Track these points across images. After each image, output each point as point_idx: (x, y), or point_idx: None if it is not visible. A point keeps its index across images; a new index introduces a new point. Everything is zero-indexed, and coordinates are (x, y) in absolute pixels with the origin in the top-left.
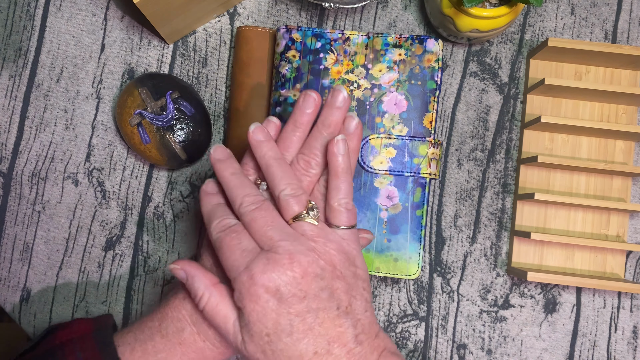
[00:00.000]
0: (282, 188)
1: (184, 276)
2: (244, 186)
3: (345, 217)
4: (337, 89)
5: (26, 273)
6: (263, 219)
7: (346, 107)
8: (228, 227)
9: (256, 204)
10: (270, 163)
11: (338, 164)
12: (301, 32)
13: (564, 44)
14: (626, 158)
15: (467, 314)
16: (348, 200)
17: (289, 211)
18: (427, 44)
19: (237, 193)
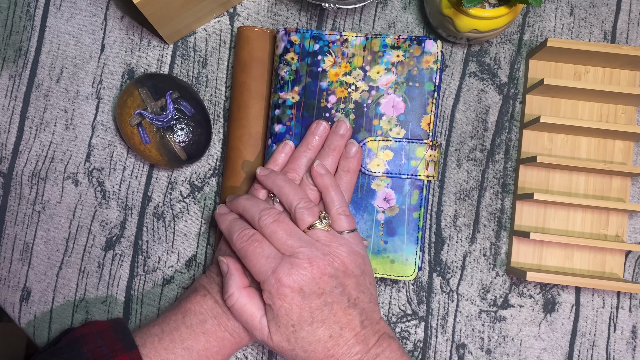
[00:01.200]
0: (296, 203)
1: (225, 270)
2: (258, 203)
3: (345, 222)
4: (342, 120)
5: (26, 273)
6: (282, 230)
7: (348, 135)
8: (249, 237)
9: (273, 216)
10: (282, 185)
11: (324, 182)
12: (299, 35)
13: (563, 44)
14: (625, 158)
15: (467, 313)
16: (344, 208)
17: (304, 222)
18: (426, 45)
19: (254, 210)
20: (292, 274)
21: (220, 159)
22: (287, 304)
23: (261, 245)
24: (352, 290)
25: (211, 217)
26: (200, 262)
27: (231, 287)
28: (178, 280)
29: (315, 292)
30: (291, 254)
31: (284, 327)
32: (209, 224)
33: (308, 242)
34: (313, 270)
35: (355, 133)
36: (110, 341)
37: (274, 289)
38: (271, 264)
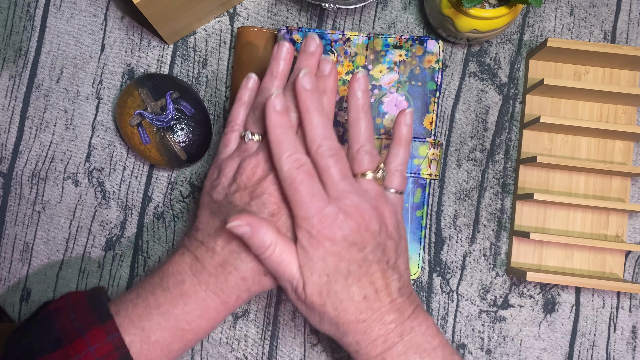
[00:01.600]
0: (361, 144)
1: (248, 231)
2: (325, 127)
3: (398, 181)
4: (310, 36)
5: (26, 273)
6: (336, 168)
7: (319, 53)
8: (300, 165)
9: (332, 150)
10: (361, 116)
11: (403, 133)
12: (302, 33)
13: (563, 45)
14: (625, 158)
15: (467, 313)
16: (403, 168)
17: (362, 166)
18: (428, 44)
19: (317, 133)
20: (337, 219)
21: None
22: (325, 250)
23: (311, 179)
24: (392, 252)
25: None
26: None
27: (267, 239)
28: None
29: (357, 243)
30: (338, 197)
31: (317, 275)
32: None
33: (358, 190)
34: (359, 221)
35: None
36: (83, 314)
37: (315, 230)
38: (317, 203)
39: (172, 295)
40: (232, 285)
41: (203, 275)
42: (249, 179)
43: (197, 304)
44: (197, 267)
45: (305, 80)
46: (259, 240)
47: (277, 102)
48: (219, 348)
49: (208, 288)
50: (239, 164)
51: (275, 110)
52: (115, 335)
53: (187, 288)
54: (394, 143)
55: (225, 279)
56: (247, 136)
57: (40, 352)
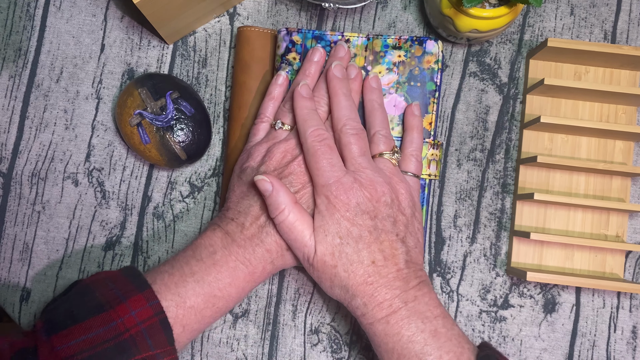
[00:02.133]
0: (378, 129)
1: (270, 188)
2: (350, 110)
3: (413, 164)
4: (339, 44)
5: (26, 273)
6: (357, 145)
7: (348, 59)
8: (323, 138)
9: (355, 129)
10: (376, 108)
11: (413, 121)
12: (301, 35)
13: (563, 44)
14: (625, 158)
15: (467, 314)
16: (418, 153)
17: (378, 147)
18: (427, 45)
19: (343, 114)
20: (353, 188)
21: (220, 159)
22: (340, 214)
23: (331, 152)
24: (402, 226)
25: (211, 217)
26: None
27: (281, 203)
28: None
29: (368, 212)
30: (355, 170)
31: (331, 237)
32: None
33: (374, 167)
34: (372, 192)
35: None
36: (122, 284)
37: (332, 195)
38: (336, 172)
39: (205, 265)
40: (259, 256)
41: (233, 247)
42: (278, 162)
43: (228, 272)
44: (228, 240)
45: (336, 69)
46: (276, 200)
47: (304, 90)
48: (219, 348)
49: (237, 259)
50: (267, 149)
51: (302, 95)
52: (155, 301)
53: (218, 258)
54: (406, 131)
55: (253, 251)
56: (277, 125)
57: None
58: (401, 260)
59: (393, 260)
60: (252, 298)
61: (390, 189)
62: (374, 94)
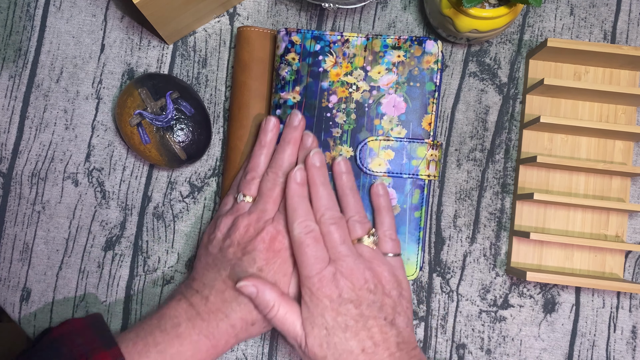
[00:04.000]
0: (351, 214)
1: (254, 291)
2: (328, 199)
3: (390, 245)
4: (294, 112)
5: (26, 273)
6: (337, 234)
7: (302, 127)
8: (309, 230)
9: (334, 219)
10: (347, 193)
11: (380, 202)
12: (300, 35)
13: (563, 45)
14: (625, 158)
15: (467, 313)
16: (392, 232)
17: (354, 233)
18: (426, 45)
19: (322, 204)
20: (335, 279)
21: (220, 159)
22: (324, 306)
23: (316, 244)
24: (390, 309)
25: (211, 217)
26: None
27: (270, 300)
28: (178, 280)
29: (353, 300)
30: (336, 259)
31: (317, 329)
32: (209, 224)
33: (354, 254)
34: (354, 281)
35: (357, 133)
36: (89, 339)
37: (315, 287)
38: (319, 265)
39: (169, 336)
40: (223, 330)
41: (197, 320)
42: (241, 236)
43: (190, 345)
44: (192, 312)
45: (315, 158)
46: (263, 300)
47: (299, 175)
48: None
49: (201, 332)
50: (232, 221)
51: (296, 181)
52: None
53: (182, 331)
54: (375, 213)
55: (217, 325)
56: (239, 197)
57: None
58: (392, 344)
59: (384, 344)
60: None
61: (372, 275)
62: (343, 178)
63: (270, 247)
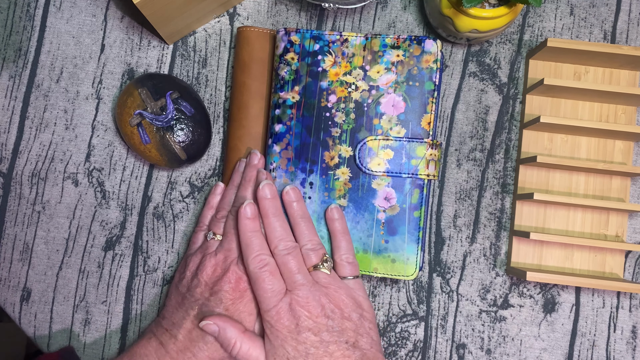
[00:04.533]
0: (304, 243)
1: (216, 329)
2: (282, 229)
3: (348, 269)
4: (253, 152)
5: (26, 273)
6: (292, 263)
7: (261, 165)
8: (264, 264)
9: (288, 249)
10: (298, 222)
11: (335, 227)
12: (299, 35)
13: (563, 44)
14: (625, 158)
15: (467, 313)
16: (349, 255)
17: (308, 261)
18: (426, 44)
19: (275, 235)
20: (290, 309)
21: (220, 159)
22: (283, 336)
23: (271, 278)
24: (351, 332)
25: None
26: None
27: (231, 337)
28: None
29: (311, 329)
30: (292, 289)
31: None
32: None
33: (310, 282)
34: (310, 309)
35: (356, 132)
36: None
37: (273, 320)
38: (276, 297)
39: None
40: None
41: (166, 358)
42: (209, 277)
43: None
44: (162, 351)
45: (265, 190)
46: (225, 338)
47: (249, 210)
48: None
49: None
50: (200, 260)
51: (247, 216)
52: None
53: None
54: (332, 237)
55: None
56: (209, 235)
57: None
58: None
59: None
60: None
61: (329, 300)
62: (294, 206)
63: (236, 288)
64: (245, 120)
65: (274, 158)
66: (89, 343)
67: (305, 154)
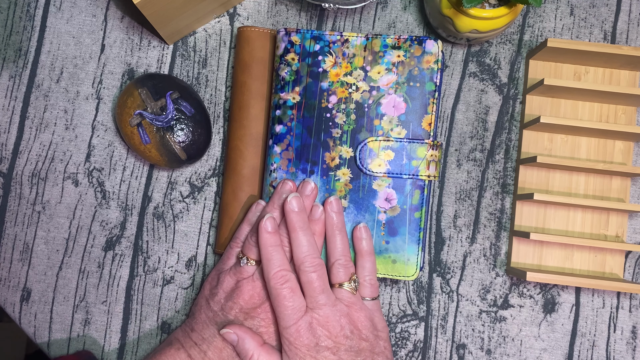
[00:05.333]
0: (337, 258)
1: (236, 339)
2: (309, 245)
3: (369, 290)
4: (307, 181)
5: (26, 273)
6: (317, 283)
7: (314, 196)
8: (285, 281)
9: (315, 267)
10: (335, 234)
11: (362, 246)
12: (300, 35)
13: (563, 45)
14: (625, 158)
15: (467, 314)
16: (372, 277)
17: (337, 278)
18: (426, 45)
19: (302, 251)
20: (310, 329)
21: (220, 159)
22: (302, 354)
23: (292, 295)
24: (367, 352)
25: (211, 218)
26: (200, 263)
27: (249, 349)
28: (178, 280)
29: (330, 348)
30: (314, 307)
31: None
32: (209, 224)
33: (332, 302)
34: (330, 329)
35: (357, 133)
36: None
37: (292, 337)
38: (296, 315)
39: None
40: None
41: None
42: (246, 302)
43: None
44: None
45: (293, 202)
46: (243, 348)
47: (269, 224)
48: None
49: None
50: (236, 283)
51: (267, 230)
52: None
53: None
54: (357, 257)
55: None
56: (242, 260)
57: None
58: None
59: None
60: None
61: (349, 321)
62: (333, 218)
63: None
64: (246, 120)
65: (275, 159)
66: (89, 343)
67: (306, 154)
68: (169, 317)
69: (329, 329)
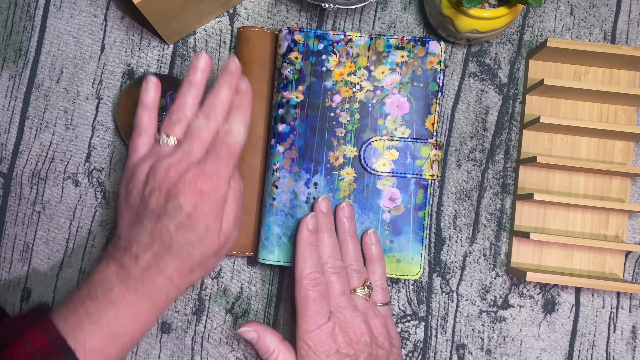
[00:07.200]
0: (349, 263)
1: (255, 336)
2: (332, 247)
3: (381, 295)
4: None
5: (26, 273)
6: (337, 284)
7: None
8: (317, 284)
9: (336, 269)
10: (347, 239)
11: (372, 252)
12: (303, 34)
13: (563, 45)
14: (625, 158)
15: (467, 314)
16: (383, 282)
17: (352, 282)
18: (430, 45)
19: (325, 252)
20: (332, 335)
21: None
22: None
23: (321, 299)
24: (383, 359)
25: None
26: None
27: (271, 346)
28: None
29: (350, 355)
30: (335, 310)
31: None
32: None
33: (352, 306)
34: (352, 335)
35: (361, 132)
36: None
37: (312, 342)
38: (320, 320)
39: (101, 304)
40: (160, 286)
41: (130, 281)
42: (162, 180)
43: (127, 308)
44: (123, 274)
45: (323, 204)
46: (264, 345)
47: (311, 222)
48: (219, 348)
49: (137, 292)
50: (151, 166)
51: (308, 228)
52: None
53: (115, 295)
54: (368, 262)
55: (153, 282)
56: (162, 139)
57: None
58: None
59: None
60: (252, 298)
61: (367, 328)
62: (345, 224)
63: (196, 190)
64: None
65: (278, 158)
66: None
67: (310, 154)
68: (168, 317)
69: (349, 335)
